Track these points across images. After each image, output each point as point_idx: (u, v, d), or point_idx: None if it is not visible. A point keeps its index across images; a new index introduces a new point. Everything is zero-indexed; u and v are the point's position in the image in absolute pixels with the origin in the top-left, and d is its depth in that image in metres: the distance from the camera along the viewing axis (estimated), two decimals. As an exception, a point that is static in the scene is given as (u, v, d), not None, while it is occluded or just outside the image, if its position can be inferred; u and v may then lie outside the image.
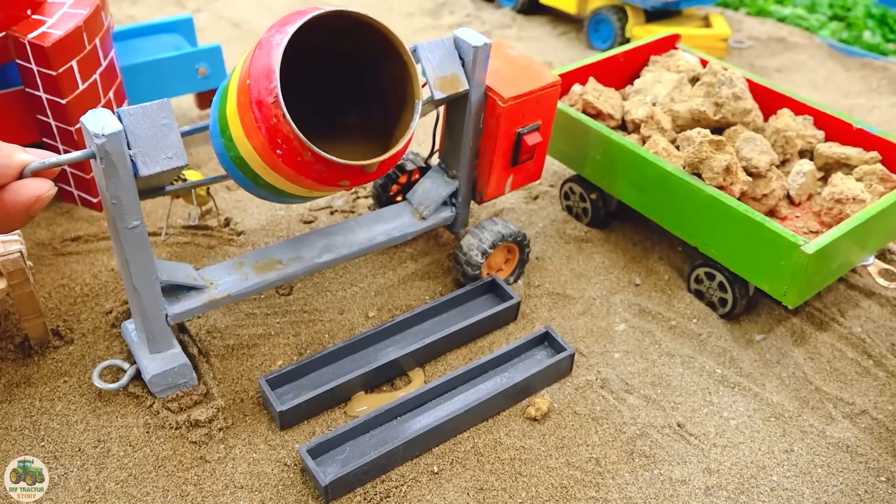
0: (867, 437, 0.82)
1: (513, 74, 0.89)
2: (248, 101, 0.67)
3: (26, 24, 0.97)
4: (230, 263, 0.85)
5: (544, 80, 0.89)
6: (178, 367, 0.80)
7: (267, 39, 0.67)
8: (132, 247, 0.72)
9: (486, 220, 0.96)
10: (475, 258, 0.93)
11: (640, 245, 1.08)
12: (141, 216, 0.71)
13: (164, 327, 0.80)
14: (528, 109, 0.88)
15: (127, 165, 0.66)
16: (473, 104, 0.86)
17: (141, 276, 0.74)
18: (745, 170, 0.96)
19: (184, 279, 0.80)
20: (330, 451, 0.77)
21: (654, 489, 0.76)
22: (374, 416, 0.79)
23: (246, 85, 0.66)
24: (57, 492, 0.73)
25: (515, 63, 0.91)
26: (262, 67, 0.65)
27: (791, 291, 0.86)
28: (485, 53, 0.83)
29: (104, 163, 0.65)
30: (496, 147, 0.89)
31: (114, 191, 0.67)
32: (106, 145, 0.64)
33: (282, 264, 0.86)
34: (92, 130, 0.63)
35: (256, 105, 0.66)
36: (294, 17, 0.68)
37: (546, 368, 0.84)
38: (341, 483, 0.72)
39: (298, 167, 0.68)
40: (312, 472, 0.73)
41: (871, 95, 1.54)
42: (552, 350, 0.89)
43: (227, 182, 1.18)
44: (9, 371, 0.85)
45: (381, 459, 0.75)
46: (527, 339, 0.88)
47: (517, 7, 1.88)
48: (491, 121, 0.88)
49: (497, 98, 0.86)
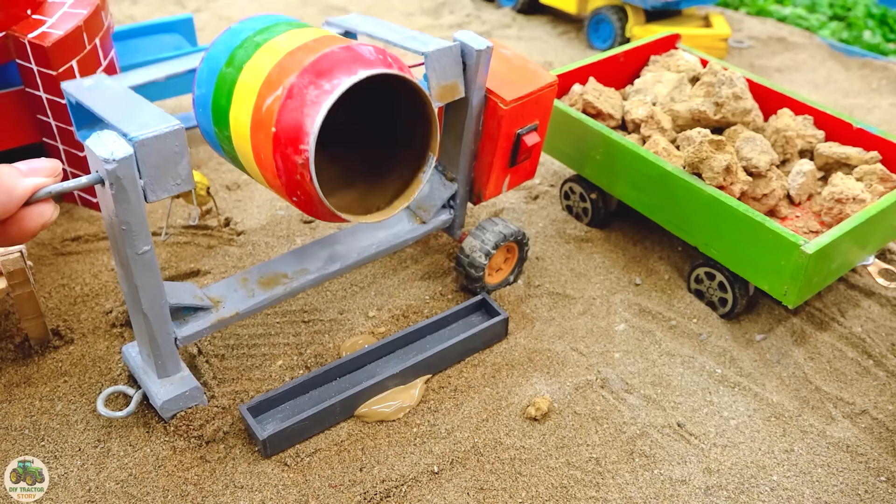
0: (867, 436, 0.82)
1: (511, 75, 0.89)
2: (270, 146, 0.64)
3: (26, 23, 0.97)
4: (235, 280, 0.84)
5: (542, 80, 0.89)
6: (190, 391, 0.78)
7: (300, 90, 0.63)
8: (142, 273, 0.69)
9: (485, 220, 0.96)
10: (478, 259, 0.93)
11: (640, 245, 1.08)
12: (150, 240, 0.68)
13: (173, 351, 0.77)
14: (527, 111, 0.88)
15: (138, 190, 0.63)
16: (474, 107, 0.86)
17: (150, 301, 0.71)
18: (746, 170, 0.96)
19: (191, 300, 0.78)
20: (270, 409, 0.81)
21: (654, 489, 0.76)
22: (314, 376, 0.83)
23: (271, 132, 0.64)
24: (57, 492, 0.73)
25: (511, 63, 0.91)
26: (294, 124, 0.62)
27: (791, 291, 0.86)
28: (487, 57, 0.82)
29: (114, 188, 0.61)
30: (496, 149, 0.89)
31: (123, 216, 0.64)
32: (117, 171, 0.60)
33: (288, 278, 0.84)
34: (100, 155, 0.60)
35: (281, 157, 0.64)
36: (333, 67, 0.64)
37: (481, 331, 0.88)
38: (279, 437, 0.76)
39: (308, 209, 0.68)
40: (251, 427, 0.76)
41: (871, 95, 1.54)
42: (488, 316, 0.93)
43: (227, 182, 1.18)
44: (9, 371, 0.85)
45: (319, 415, 0.78)
46: (464, 305, 0.93)
47: (517, 7, 1.88)
48: (492, 123, 0.87)
49: (498, 101, 0.85)
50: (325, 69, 0.63)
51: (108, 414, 0.77)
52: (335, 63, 0.64)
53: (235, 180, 1.18)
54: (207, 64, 0.73)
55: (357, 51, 0.65)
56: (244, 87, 0.68)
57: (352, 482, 0.75)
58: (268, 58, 0.67)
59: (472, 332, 0.88)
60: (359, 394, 0.81)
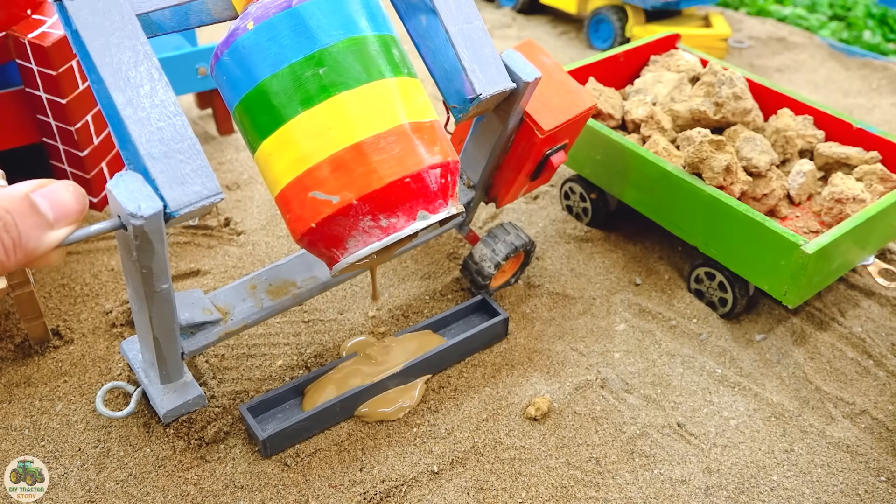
0: (867, 436, 0.82)
1: (550, 96, 0.83)
2: (301, 227, 0.61)
3: (26, 24, 0.97)
4: (243, 287, 0.81)
5: (582, 104, 0.85)
6: (193, 399, 0.76)
7: (356, 213, 0.59)
8: (160, 307, 0.66)
9: (497, 227, 0.94)
10: (487, 269, 0.92)
11: (640, 245, 1.08)
12: (169, 277, 0.64)
13: (179, 362, 0.76)
14: (561, 134, 0.85)
15: (164, 240, 0.58)
16: (509, 130, 0.81)
17: (162, 327, 0.69)
18: (746, 170, 0.96)
19: (201, 316, 0.76)
20: (270, 409, 0.81)
21: (654, 489, 0.76)
22: (314, 376, 0.83)
23: (310, 224, 0.61)
24: (57, 492, 0.73)
25: (552, 79, 0.85)
26: (337, 236, 0.61)
27: (791, 291, 0.86)
28: (534, 87, 0.76)
29: (138, 240, 0.56)
30: (522, 167, 0.86)
31: (145, 262, 0.59)
32: (144, 227, 0.55)
33: (297, 287, 0.82)
34: (126, 208, 0.53)
35: (309, 242, 0.62)
36: (397, 205, 0.60)
37: (481, 331, 0.88)
38: (279, 437, 0.76)
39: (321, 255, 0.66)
40: (251, 427, 0.76)
41: (871, 95, 1.54)
42: (488, 316, 0.93)
43: (227, 182, 1.18)
44: (9, 371, 0.85)
45: (319, 415, 0.78)
46: (464, 305, 0.92)
47: (517, 7, 1.88)
48: (524, 144, 0.83)
49: (535, 128, 0.81)
50: (388, 204, 0.60)
51: (108, 414, 0.76)
52: (400, 199, 0.60)
53: (235, 180, 1.18)
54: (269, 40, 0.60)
55: (424, 181, 0.61)
56: (291, 142, 0.60)
57: (352, 482, 0.75)
58: (330, 126, 0.60)
59: (472, 333, 0.88)
60: (359, 394, 0.81)
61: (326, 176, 0.60)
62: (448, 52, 0.71)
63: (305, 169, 0.60)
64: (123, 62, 0.57)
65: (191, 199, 0.56)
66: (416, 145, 0.61)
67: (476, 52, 0.71)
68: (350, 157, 0.59)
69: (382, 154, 0.60)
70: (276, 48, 0.59)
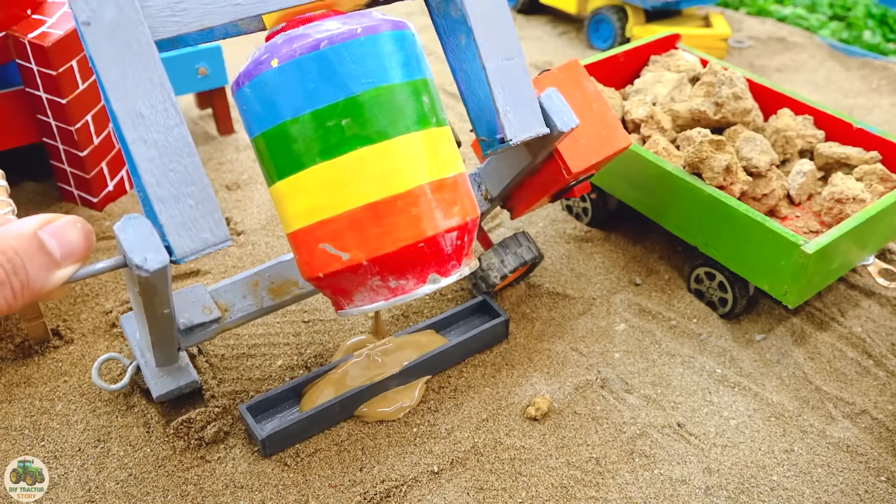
0: (867, 436, 0.82)
1: (584, 129, 0.79)
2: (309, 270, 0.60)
3: (26, 24, 0.97)
4: (245, 283, 0.80)
5: (615, 145, 0.82)
6: (187, 383, 0.79)
7: (364, 273, 0.58)
8: (163, 327, 0.67)
9: (510, 238, 0.94)
10: (493, 278, 0.92)
11: (640, 245, 1.08)
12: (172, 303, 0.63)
13: (175, 354, 0.78)
14: (589, 171, 0.83)
15: (168, 282, 0.58)
16: (538, 162, 0.78)
17: (161, 336, 0.70)
18: (745, 170, 0.96)
19: (200, 317, 0.76)
20: (270, 409, 0.81)
21: (654, 489, 0.76)
22: (314, 376, 0.82)
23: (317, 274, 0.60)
24: (57, 492, 0.73)
25: (589, 110, 0.81)
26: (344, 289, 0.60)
27: (791, 291, 0.86)
28: (570, 135, 0.74)
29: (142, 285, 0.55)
30: (546, 193, 0.85)
31: (147, 297, 0.59)
32: (150, 279, 0.53)
33: (299, 287, 0.81)
34: (132, 259, 0.51)
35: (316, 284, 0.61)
36: (406, 268, 0.59)
37: (481, 332, 0.88)
38: (279, 437, 0.76)
39: None
40: (251, 427, 0.76)
41: (871, 95, 1.54)
42: (488, 317, 0.93)
43: (226, 182, 1.18)
44: (9, 371, 0.85)
45: (319, 415, 0.78)
46: (465, 306, 0.92)
47: (517, 7, 1.88)
48: (550, 176, 0.81)
49: (563, 167, 0.78)
50: (399, 268, 0.59)
51: (102, 385, 0.78)
52: (411, 263, 0.59)
53: (235, 180, 1.18)
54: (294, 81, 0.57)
55: (439, 245, 0.59)
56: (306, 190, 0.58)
57: (352, 482, 0.75)
58: (347, 182, 0.57)
59: (473, 334, 0.88)
60: (359, 394, 0.81)
61: (338, 231, 0.58)
62: (483, 85, 0.67)
63: (318, 220, 0.58)
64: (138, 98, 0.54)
65: (198, 247, 0.55)
66: (434, 208, 0.58)
67: (513, 95, 0.66)
68: (364, 216, 0.57)
69: (398, 216, 0.57)
70: (301, 91, 0.56)
